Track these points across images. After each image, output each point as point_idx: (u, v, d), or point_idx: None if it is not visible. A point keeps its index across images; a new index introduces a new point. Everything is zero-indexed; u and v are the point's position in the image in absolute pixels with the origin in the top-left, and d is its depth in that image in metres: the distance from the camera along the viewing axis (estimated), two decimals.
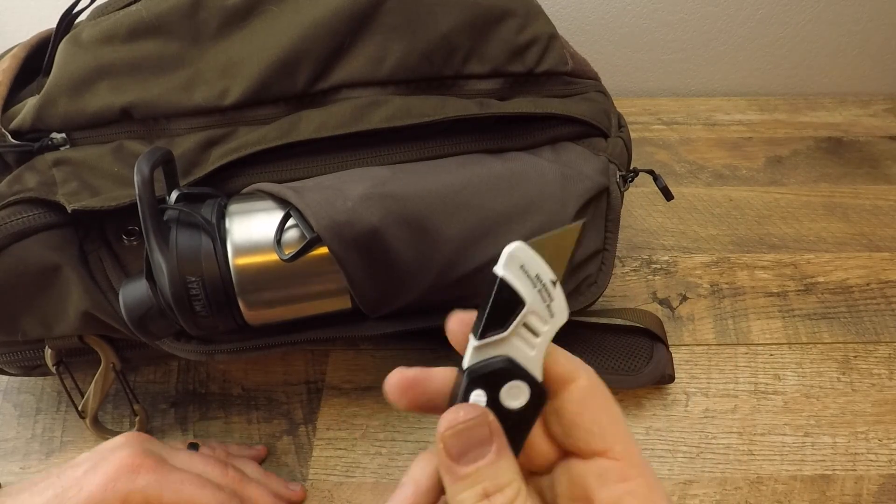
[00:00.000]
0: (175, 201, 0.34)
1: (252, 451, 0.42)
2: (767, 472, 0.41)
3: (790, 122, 0.63)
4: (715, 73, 0.68)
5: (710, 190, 0.57)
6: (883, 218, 0.54)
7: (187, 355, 0.38)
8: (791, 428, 0.43)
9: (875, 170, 0.58)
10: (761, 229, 0.54)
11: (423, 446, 0.42)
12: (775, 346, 0.47)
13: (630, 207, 0.55)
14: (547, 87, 0.41)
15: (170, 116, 0.38)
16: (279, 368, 0.46)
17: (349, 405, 0.44)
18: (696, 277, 0.51)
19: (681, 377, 0.45)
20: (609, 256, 0.41)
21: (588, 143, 0.41)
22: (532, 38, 0.40)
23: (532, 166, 0.38)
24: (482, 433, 0.20)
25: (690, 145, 0.61)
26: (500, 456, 0.20)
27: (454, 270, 0.36)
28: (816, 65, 0.67)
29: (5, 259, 0.35)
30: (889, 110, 0.64)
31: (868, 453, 0.42)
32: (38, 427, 0.44)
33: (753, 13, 0.63)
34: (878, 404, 0.44)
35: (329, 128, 0.37)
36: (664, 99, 0.65)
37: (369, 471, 0.42)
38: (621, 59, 0.66)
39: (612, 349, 0.44)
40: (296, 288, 0.35)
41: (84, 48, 0.38)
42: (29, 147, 0.37)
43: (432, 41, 0.38)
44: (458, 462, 0.20)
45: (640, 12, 0.63)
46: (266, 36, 0.38)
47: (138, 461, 0.33)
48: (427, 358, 0.46)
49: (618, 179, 0.40)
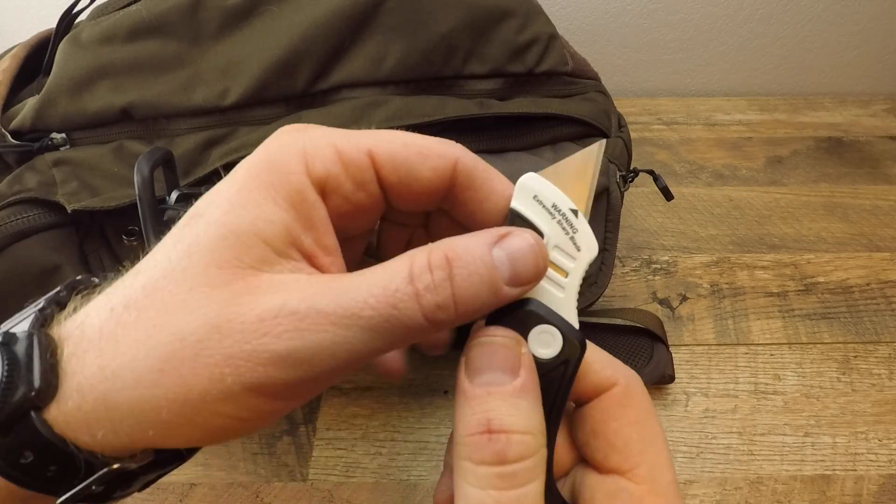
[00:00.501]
0: (175, 201, 0.34)
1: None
2: (767, 472, 0.41)
3: (790, 122, 0.63)
4: (715, 73, 0.68)
5: (710, 190, 0.57)
6: (883, 218, 0.54)
7: None
8: (791, 428, 0.43)
9: (875, 170, 0.58)
10: (761, 229, 0.54)
11: (423, 446, 0.43)
12: (775, 346, 0.47)
13: (630, 207, 0.55)
14: (547, 87, 0.41)
15: (170, 116, 0.38)
16: None
17: (349, 405, 0.44)
18: (696, 277, 0.51)
19: (681, 377, 0.45)
20: (609, 256, 0.41)
21: (588, 143, 0.41)
22: (532, 39, 0.40)
23: (532, 167, 0.37)
24: (508, 357, 0.18)
25: (690, 145, 0.61)
26: (523, 395, 0.18)
27: None
28: (816, 65, 0.67)
29: (5, 259, 0.35)
30: (889, 110, 0.64)
31: (868, 453, 0.42)
32: None
33: (753, 13, 0.63)
34: (878, 404, 0.44)
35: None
36: (664, 99, 0.65)
37: (369, 471, 0.42)
38: (621, 59, 0.66)
39: (611, 349, 0.43)
40: None
41: (84, 48, 0.38)
42: (29, 147, 0.37)
43: (432, 41, 0.38)
44: (472, 380, 0.18)
45: (640, 12, 0.63)
46: (266, 36, 0.38)
47: (299, 125, 0.20)
48: (427, 358, 0.46)
49: (618, 179, 0.40)
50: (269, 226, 0.18)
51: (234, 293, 0.17)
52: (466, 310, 0.17)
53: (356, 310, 0.17)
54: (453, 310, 0.17)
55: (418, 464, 0.42)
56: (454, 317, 0.17)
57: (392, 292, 0.17)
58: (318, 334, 0.16)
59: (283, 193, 0.18)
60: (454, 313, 0.17)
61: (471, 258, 0.17)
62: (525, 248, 0.18)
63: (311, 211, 0.18)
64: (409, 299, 0.17)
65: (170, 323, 0.17)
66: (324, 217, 0.19)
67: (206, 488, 0.41)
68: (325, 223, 0.19)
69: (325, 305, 0.17)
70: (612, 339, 0.44)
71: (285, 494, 0.41)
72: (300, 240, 0.18)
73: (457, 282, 0.17)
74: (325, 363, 0.17)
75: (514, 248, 0.18)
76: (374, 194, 0.20)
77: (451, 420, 0.44)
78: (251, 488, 0.41)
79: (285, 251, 0.18)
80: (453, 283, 0.17)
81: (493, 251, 0.18)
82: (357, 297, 0.17)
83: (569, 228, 0.19)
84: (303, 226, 0.18)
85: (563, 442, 0.21)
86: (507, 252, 0.18)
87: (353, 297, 0.17)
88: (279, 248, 0.18)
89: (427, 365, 0.46)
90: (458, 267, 0.17)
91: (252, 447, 0.43)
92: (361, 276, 0.17)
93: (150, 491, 0.41)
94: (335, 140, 0.19)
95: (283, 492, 0.41)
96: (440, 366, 0.46)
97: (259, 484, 0.41)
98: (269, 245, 0.18)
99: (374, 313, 0.17)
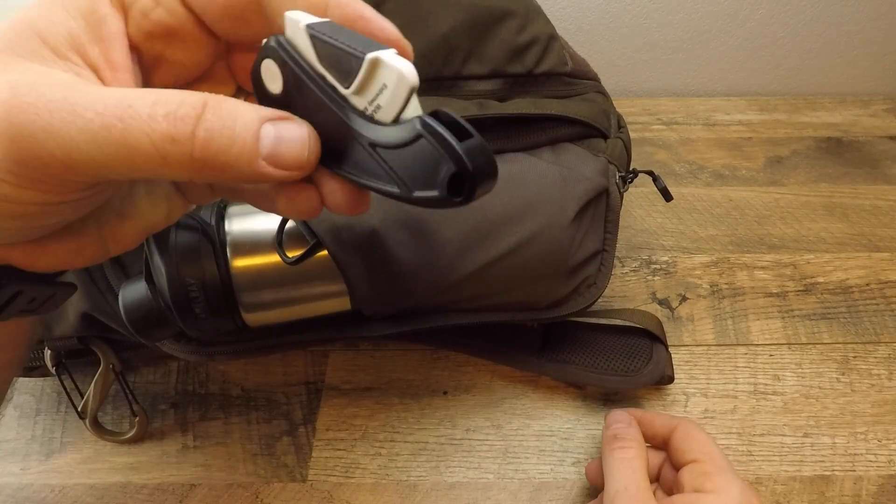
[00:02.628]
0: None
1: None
2: (766, 473, 0.41)
3: (790, 122, 0.63)
4: (715, 73, 0.68)
5: (709, 190, 0.57)
6: (883, 218, 0.54)
7: (187, 356, 0.38)
8: (790, 428, 0.43)
9: (875, 170, 0.58)
10: (761, 229, 0.54)
11: (423, 447, 0.43)
12: (775, 347, 0.47)
13: (630, 208, 0.55)
14: (546, 87, 0.41)
15: None
16: (279, 369, 0.46)
17: (349, 406, 0.44)
18: (696, 278, 0.51)
19: (680, 378, 0.45)
20: (608, 257, 0.41)
21: (587, 144, 0.41)
22: (532, 39, 0.40)
23: (531, 168, 0.38)
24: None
25: (690, 145, 0.61)
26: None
27: (453, 272, 0.36)
28: (816, 65, 0.66)
29: None
30: (889, 110, 0.64)
31: (867, 454, 0.42)
32: (37, 428, 0.44)
33: (753, 13, 0.62)
34: (878, 405, 0.44)
35: None
36: (664, 99, 0.65)
37: (369, 471, 0.42)
38: (621, 59, 0.66)
39: (611, 350, 0.44)
40: (295, 290, 0.35)
41: None
42: None
43: (432, 42, 0.38)
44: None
45: (640, 12, 0.62)
46: None
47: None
48: (427, 358, 0.46)
49: (617, 180, 0.40)
50: (49, 26, 0.19)
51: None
52: (209, 160, 0.17)
53: (79, 108, 0.17)
54: (189, 149, 0.17)
55: (418, 464, 0.42)
56: (191, 160, 0.17)
57: (125, 107, 0.17)
58: (30, 115, 0.17)
59: (76, 3, 0.19)
60: (190, 154, 0.17)
61: (232, 115, 0.18)
62: (297, 137, 0.18)
63: (100, 23, 0.19)
64: (140, 118, 0.17)
65: None
66: (116, 32, 0.20)
67: (206, 489, 0.41)
68: (117, 38, 0.20)
69: (52, 94, 0.17)
70: (611, 339, 0.44)
71: (285, 495, 0.41)
72: (84, 49, 0.19)
73: (205, 125, 0.17)
74: (44, 151, 0.17)
75: (286, 131, 0.18)
76: (176, 13, 0.20)
77: (450, 420, 0.44)
78: (251, 489, 0.41)
79: (64, 53, 0.19)
80: (199, 125, 0.17)
81: (265, 125, 0.18)
82: (87, 99, 0.17)
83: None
84: (90, 37, 0.19)
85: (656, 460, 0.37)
86: (277, 131, 0.18)
87: (84, 97, 0.17)
88: (57, 49, 0.19)
89: (427, 365, 0.46)
90: (212, 116, 0.17)
91: (252, 448, 0.43)
92: (113, 90, 0.18)
93: (150, 491, 0.41)
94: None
95: (283, 492, 0.41)
96: (440, 366, 0.46)
97: (259, 485, 0.41)
98: (46, 44, 0.18)
99: (94, 117, 0.17)
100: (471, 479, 0.41)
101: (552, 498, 0.41)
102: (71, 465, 0.42)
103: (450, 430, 0.43)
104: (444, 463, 0.42)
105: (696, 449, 0.34)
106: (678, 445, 0.35)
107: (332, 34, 0.18)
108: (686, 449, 0.35)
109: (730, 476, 0.33)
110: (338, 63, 0.18)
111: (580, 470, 0.41)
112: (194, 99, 0.17)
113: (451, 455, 0.42)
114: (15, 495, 0.41)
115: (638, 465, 0.35)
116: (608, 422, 0.38)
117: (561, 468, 0.42)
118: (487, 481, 0.41)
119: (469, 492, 0.41)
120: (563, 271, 0.38)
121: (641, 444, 0.36)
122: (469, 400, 0.44)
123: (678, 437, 0.36)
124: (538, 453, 0.42)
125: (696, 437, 0.35)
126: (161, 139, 0.17)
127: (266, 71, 0.19)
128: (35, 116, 0.17)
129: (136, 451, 0.43)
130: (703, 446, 0.35)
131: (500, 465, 0.42)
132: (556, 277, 0.38)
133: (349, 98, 0.18)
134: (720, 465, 0.33)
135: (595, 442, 0.43)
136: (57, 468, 0.42)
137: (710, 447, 0.35)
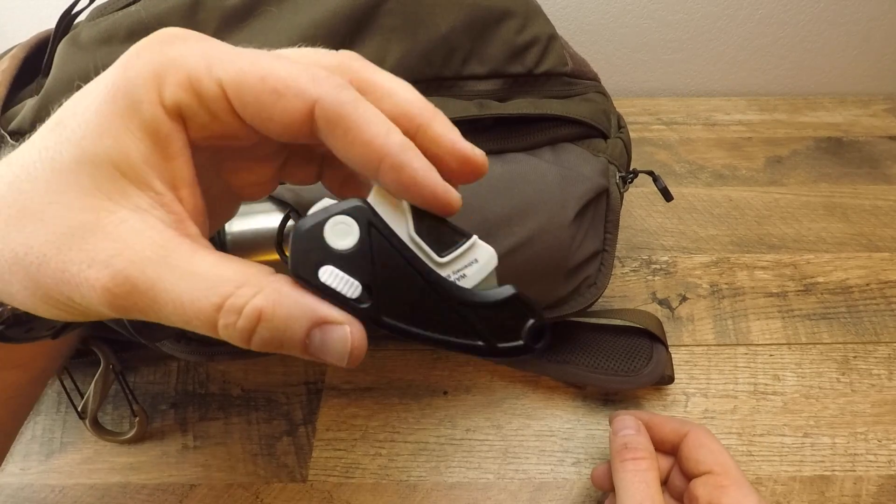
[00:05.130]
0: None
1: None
2: (766, 473, 0.41)
3: (790, 122, 0.63)
4: (715, 73, 0.67)
5: (709, 190, 0.57)
6: (883, 218, 0.54)
7: (187, 357, 0.38)
8: (790, 429, 0.43)
9: (875, 170, 0.58)
10: (761, 229, 0.54)
11: (423, 447, 0.43)
12: (775, 347, 0.47)
13: (630, 208, 0.55)
14: (546, 87, 0.41)
15: None
16: (278, 369, 0.46)
17: (349, 406, 0.44)
18: (696, 278, 0.51)
19: (680, 378, 0.45)
20: (608, 257, 0.41)
21: (588, 144, 0.41)
22: (532, 39, 0.40)
23: (531, 168, 0.38)
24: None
25: (690, 145, 0.61)
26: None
27: None
28: (816, 65, 0.66)
29: None
30: (889, 110, 0.64)
31: (867, 454, 0.42)
32: (37, 428, 0.44)
33: (753, 13, 0.62)
34: (878, 405, 0.44)
35: None
36: (664, 99, 0.65)
37: (369, 471, 0.42)
38: (621, 59, 0.66)
39: (611, 350, 0.44)
40: None
41: (83, 49, 0.38)
42: None
43: (432, 42, 0.38)
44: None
45: (640, 12, 0.62)
46: (265, 37, 0.38)
47: (174, 33, 0.20)
48: (427, 358, 0.46)
49: (617, 181, 0.40)
50: (125, 158, 0.18)
51: (82, 225, 0.18)
52: (259, 348, 0.19)
53: (174, 296, 0.18)
54: (247, 345, 0.19)
55: (418, 464, 0.42)
56: (243, 344, 0.19)
57: (192, 302, 0.18)
58: (141, 298, 0.18)
59: (137, 122, 0.18)
60: (248, 346, 0.19)
61: (283, 326, 0.18)
62: (339, 338, 0.19)
63: (167, 141, 0.19)
64: (205, 320, 0.18)
65: (25, 229, 0.18)
66: (181, 147, 0.19)
67: (206, 489, 0.41)
68: (183, 153, 0.19)
69: (139, 277, 0.18)
70: (611, 339, 0.44)
71: (285, 495, 0.41)
72: (160, 171, 0.19)
73: (258, 338, 0.18)
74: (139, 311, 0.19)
75: (331, 338, 0.19)
76: (232, 124, 0.19)
77: (450, 420, 0.44)
78: (251, 489, 0.41)
79: (145, 182, 0.19)
80: (253, 338, 0.18)
81: (313, 331, 0.19)
82: (179, 287, 0.18)
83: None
84: (160, 156, 0.19)
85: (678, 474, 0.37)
86: (322, 337, 0.19)
87: (178, 282, 0.18)
88: (138, 180, 0.19)
89: (427, 365, 0.46)
90: (265, 328, 0.18)
91: (252, 448, 0.43)
92: (183, 272, 0.18)
93: (150, 491, 0.41)
94: (193, 65, 0.19)
95: (283, 492, 0.41)
96: (440, 366, 0.46)
97: (259, 485, 0.41)
98: (126, 177, 0.18)
99: (184, 302, 0.18)
100: (471, 479, 0.41)
101: (552, 498, 0.41)
102: (71, 465, 0.42)
103: (450, 431, 0.43)
104: (444, 463, 0.42)
105: (710, 459, 0.34)
106: (689, 454, 0.35)
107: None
108: (699, 459, 0.34)
109: (746, 490, 0.32)
110: (439, 236, 0.21)
111: (580, 470, 0.41)
112: (250, 310, 0.18)
113: (451, 455, 0.42)
114: (15, 495, 0.41)
115: (651, 478, 0.34)
116: (615, 428, 0.37)
117: (561, 468, 0.42)
118: (487, 481, 0.41)
119: (469, 492, 0.41)
120: (564, 271, 0.38)
121: (653, 453, 0.35)
122: (469, 400, 0.44)
123: (689, 445, 0.35)
124: (538, 453, 0.42)
125: (708, 446, 0.34)
126: (226, 335, 0.18)
127: (336, 226, 0.20)
128: (141, 297, 0.18)
129: (136, 452, 0.43)
130: (717, 456, 0.34)
131: (500, 466, 0.42)
132: (556, 277, 0.38)
133: (440, 266, 0.21)
134: (735, 477, 0.33)
135: (595, 442, 0.43)
136: (57, 468, 0.42)
137: (724, 457, 0.34)
